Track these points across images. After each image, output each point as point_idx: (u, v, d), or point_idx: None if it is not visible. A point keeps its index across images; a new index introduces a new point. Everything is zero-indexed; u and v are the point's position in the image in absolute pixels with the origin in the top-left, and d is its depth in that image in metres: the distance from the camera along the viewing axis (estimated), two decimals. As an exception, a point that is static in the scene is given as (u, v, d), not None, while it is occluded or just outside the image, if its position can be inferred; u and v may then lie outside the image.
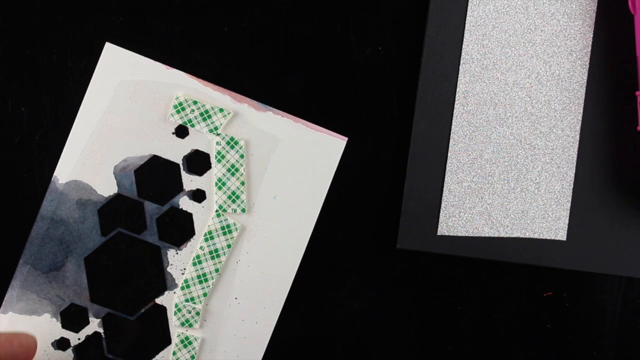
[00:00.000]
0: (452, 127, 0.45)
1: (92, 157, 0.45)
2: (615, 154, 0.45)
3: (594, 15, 0.45)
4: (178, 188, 0.45)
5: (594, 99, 0.45)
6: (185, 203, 0.45)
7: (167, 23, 0.45)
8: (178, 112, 0.45)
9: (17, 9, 0.45)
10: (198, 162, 0.45)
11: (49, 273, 0.45)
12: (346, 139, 0.45)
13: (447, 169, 0.45)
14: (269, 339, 0.45)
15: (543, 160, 0.45)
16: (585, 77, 0.45)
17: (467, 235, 0.45)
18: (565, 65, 0.45)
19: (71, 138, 0.45)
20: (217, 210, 0.45)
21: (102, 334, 0.45)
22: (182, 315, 0.45)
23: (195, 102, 0.44)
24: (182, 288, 0.45)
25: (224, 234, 0.45)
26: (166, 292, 0.45)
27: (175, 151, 0.45)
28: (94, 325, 0.45)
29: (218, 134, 0.45)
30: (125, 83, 0.45)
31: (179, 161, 0.45)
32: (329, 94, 0.46)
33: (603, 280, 0.46)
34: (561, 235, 0.45)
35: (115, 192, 0.45)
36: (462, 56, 0.44)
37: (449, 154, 0.45)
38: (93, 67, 0.45)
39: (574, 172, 0.45)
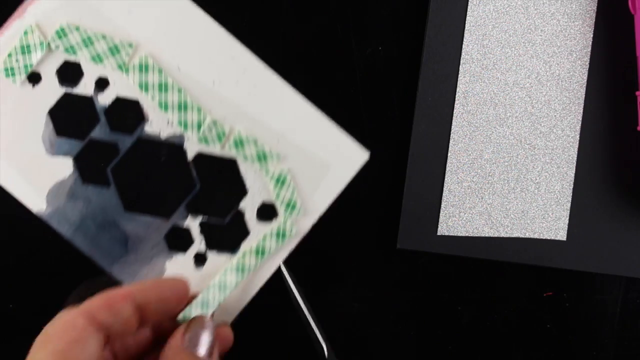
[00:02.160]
0: (452, 127, 0.45)
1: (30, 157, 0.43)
2: (615, 154, 0.45)
3: (594, 15, 0.45)
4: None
5: (594, 99, 0.45)
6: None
7: (167, 23, 0.45)
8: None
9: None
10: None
11: (125, 250, 0.44)
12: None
13: (447, 169, 0.45)
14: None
15: (543, 160, 0.45)
16: (585, 77, 0.45)
17: (467, 235, 0.45)
18: (565, 65, 0.45)
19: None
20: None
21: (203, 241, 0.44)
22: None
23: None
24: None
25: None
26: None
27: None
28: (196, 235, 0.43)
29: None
30: None
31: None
32: (329, 93, 0.45)
33: (603, 280, 0.46)
34: (561, 235, 0.45)
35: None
36: (462, 56, 0.44)
37: (449, 154, 0.45)
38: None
39: (574, 172, 0.45)
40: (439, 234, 0.45)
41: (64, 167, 0.44)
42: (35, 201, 0.44)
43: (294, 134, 0.44)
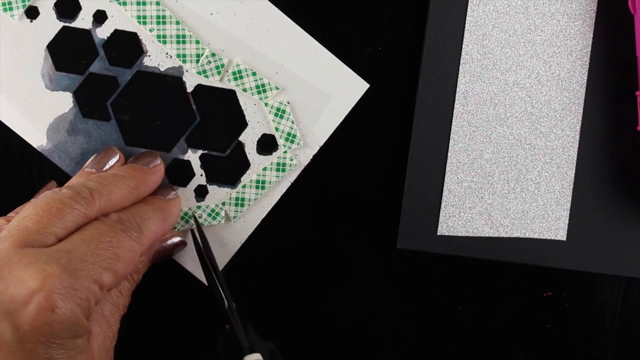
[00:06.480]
0: (452, 127, 0.45)
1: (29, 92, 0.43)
2: (615, 154, 0.45)
3: (594, 15, 0.45)
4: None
5: (594, 99, 0.45)
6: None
7: (167, 23, 0.45)
8: None
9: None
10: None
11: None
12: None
13: (447, 169, 0.45)
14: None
15: (543, 160, 0.45)
16: (585, 77, 0.45)
17: (467, 235, 0.45)
18: (565, 65, 0.45)
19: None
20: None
21: (203, 174, 0.44)
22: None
23: None
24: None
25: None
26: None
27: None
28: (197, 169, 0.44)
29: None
30: None
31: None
32: (329, 94, 0.45)
33: (603, 280, 0.46)
34: (561, 235, 0.45)
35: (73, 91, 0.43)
36: (462, 56, 0.44)
37: (449, 154, 0.45)
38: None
39: (574, 172, 0.45)
40: (439, 234, 0.45)
41: (63, 102, 0.43)
42: (36, 136, 0.44)
43: (293, 66, 0.44)
